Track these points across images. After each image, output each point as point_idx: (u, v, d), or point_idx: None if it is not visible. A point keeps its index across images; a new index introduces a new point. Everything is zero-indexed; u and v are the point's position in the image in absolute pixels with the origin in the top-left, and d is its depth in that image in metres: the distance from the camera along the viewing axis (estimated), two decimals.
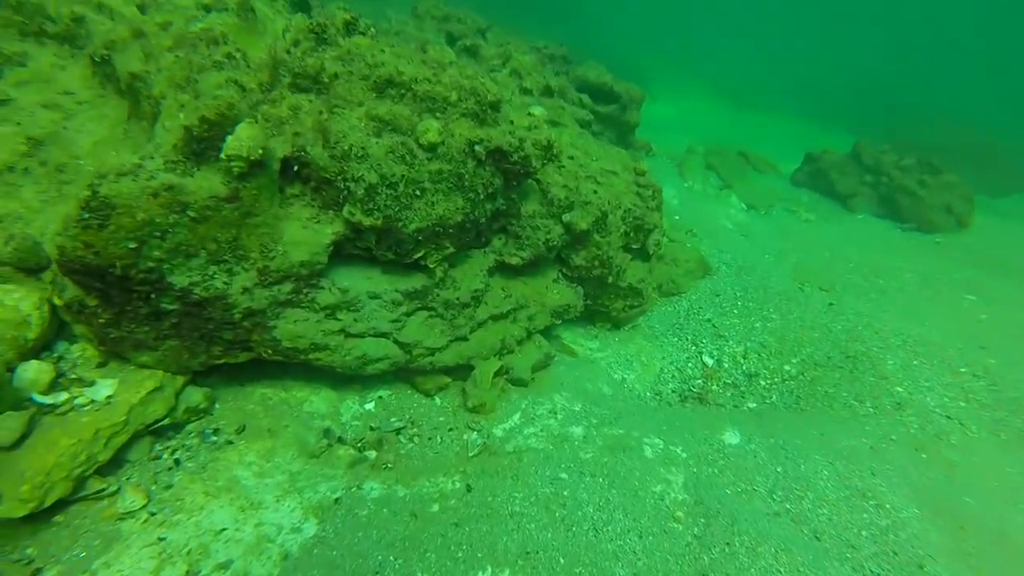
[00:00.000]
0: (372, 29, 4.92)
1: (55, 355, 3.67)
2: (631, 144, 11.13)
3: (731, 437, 4.76)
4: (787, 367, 6.54)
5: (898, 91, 27.72)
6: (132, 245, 3.27)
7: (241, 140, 3.43)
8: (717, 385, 6.47)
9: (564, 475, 3.94)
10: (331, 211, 4.10)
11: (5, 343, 3.39)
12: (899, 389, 5.53)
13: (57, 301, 3.51)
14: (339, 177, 3.94)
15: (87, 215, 3.15)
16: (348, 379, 4.52)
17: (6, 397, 3.21)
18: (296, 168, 4.03)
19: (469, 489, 3.71)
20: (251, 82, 4.11)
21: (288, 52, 4.32)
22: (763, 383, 6.42)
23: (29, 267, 3.69)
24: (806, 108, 25.60)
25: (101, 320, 3.50)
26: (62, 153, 4.29)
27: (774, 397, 6.14)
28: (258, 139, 3.50)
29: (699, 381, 6.49)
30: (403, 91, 4.30)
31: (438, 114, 4.35)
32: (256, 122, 3.61)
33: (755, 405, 6.03)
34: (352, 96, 4.17)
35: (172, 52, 4.33)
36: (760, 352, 6.82)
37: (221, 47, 4.30)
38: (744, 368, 6.66)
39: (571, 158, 5.98)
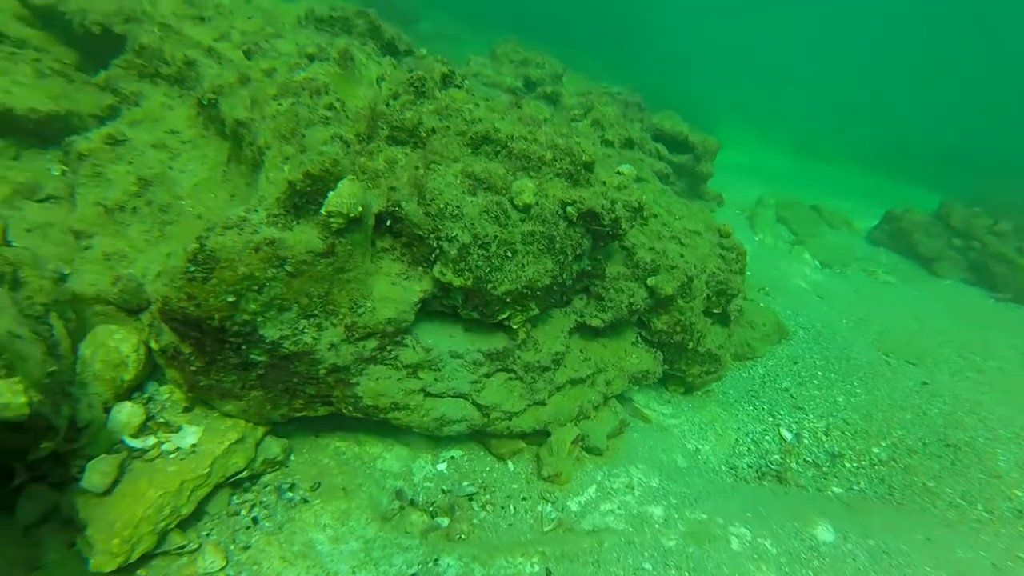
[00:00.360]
0: (467, 82, 4.96)
1: (145, 396, 3.70)
2: (702, 195, 10.88)
3: (824, 532, 4.37)
4: (876, 450, 6.05)
5: (985, 146, 26.42)
6: (231, 298, 3.27)
7: (343, 197, 3.42)
8: (797, 463, 6.04)
9: (648, 565, 3.67)
10: (420, 267, 4.05)
11: (104, 383, 3.44)
12: (1019, 493, 4.99)
13: (154, 345, 3.55)
14: (432, 235, 3.89)
15: (193, 268, 3.18)
16: (421, 436, 4.41)
17: (101, 440, 3.24)
18: (389, 223, 4.02)
19: (549, 574, 3.49)
20: (350, 133, 4.16)
21: (387, 104, 4.36)
22: (848, 465, 5.96)
23: (131, 308, 3.78)
24: (881, 162, 24.68)
25: (193, 367, 3.52)
26: (166, 193, 4.43)
27: (862, 483, 5.67)
28: (359, 196, 3.49)
29: (777, 457, 6.07)
30: (498, 148, 4.27)
31: (532, 173, 4.28)
32: (356, 178, 3.62)
33: (841, 491, 5.57)
34: (448, 152, 4.16)
35: (276, 100, 4.44)
36: (844, 430, 6.35)
37: (323, 97, 4.38)
38: (826, 446, 6.21)
39: (655, 216, 5.81)
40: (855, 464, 5.97)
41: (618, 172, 5.20)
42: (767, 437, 6.28)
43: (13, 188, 4.38)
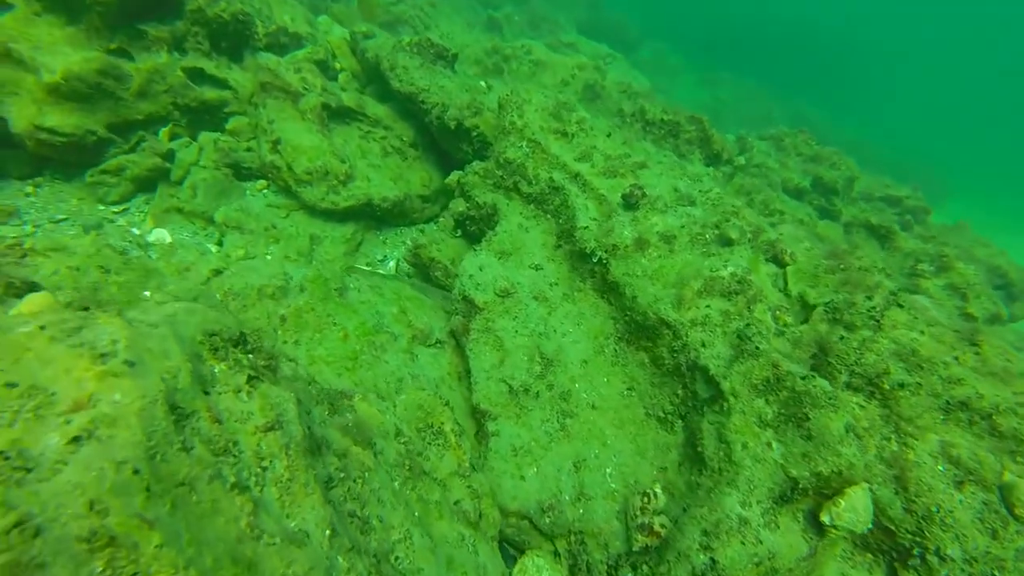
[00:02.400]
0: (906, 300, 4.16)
1: None
2: None
3: None
4: None
5: None
6: None
7: (858, 513, 2.83)
8: None
9: None
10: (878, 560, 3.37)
11: None
12: None
13: None
14: (912, 539, 3.19)
15: None
16: None
17: None
18: None
19: None
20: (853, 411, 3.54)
21: (840, 338, 3.69)
22: None
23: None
24: None
25: None
26: (564, 374, 4.14)
27: None
28: (870, 510, 2.88)
29: None
30: (977, 418, 3.45)
31: (1019, 459, 3.42)
32: (867, 488, 2.99)
33: None
34: (919, 418, 3.42)
35: (703, 298, 3.97)
36: None
37: (758, 305, 3.84)
38: None
39: None
40: None
41: None
42: None
43: (412, 334, 4.33)
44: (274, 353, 2.49)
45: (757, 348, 3.36)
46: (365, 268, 5.99)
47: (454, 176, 6.08)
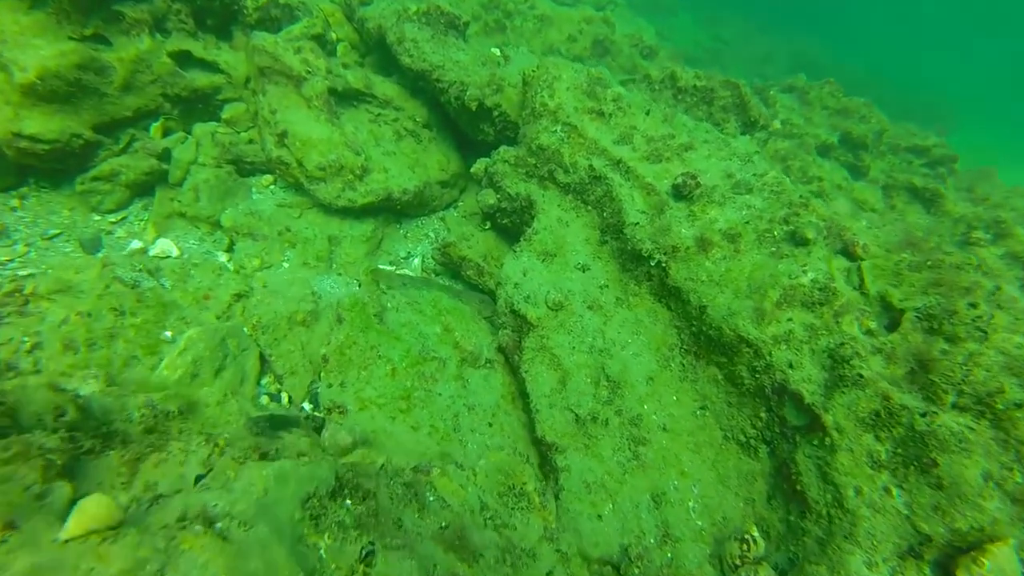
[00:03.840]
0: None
1: None
2: None
3: None
4: None
5: None
6: None
7: (1005, 574, 2.57)
8: None
9: None
10: None
11: None
12: None
13: None
14: None
15: None
16: None
17: None
18: None
19: None
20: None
21: (942, 352, 3.36)
22: None
23: None
24: None
25: None
26: (632, 396, 3.81)
27: None
28: (1018, 572, 2.62)
29: None
30: None
31: None
32: (1013, 544, 2.72)
33: None
34: None
35: (783, 310, 3.62)
36: None
37: (846, 317, 3.50)
38: None
39: None
40: None
41: None
42: None
43: (461, 357, 3.98)
44: (370, 489, 2.11)
45: (860, 376, 3.03)
46: (390, 269, 5.56)
47: (480, 164, 5.58)
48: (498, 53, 6.68)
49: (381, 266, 5.56)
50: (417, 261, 5.66)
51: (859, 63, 24.64)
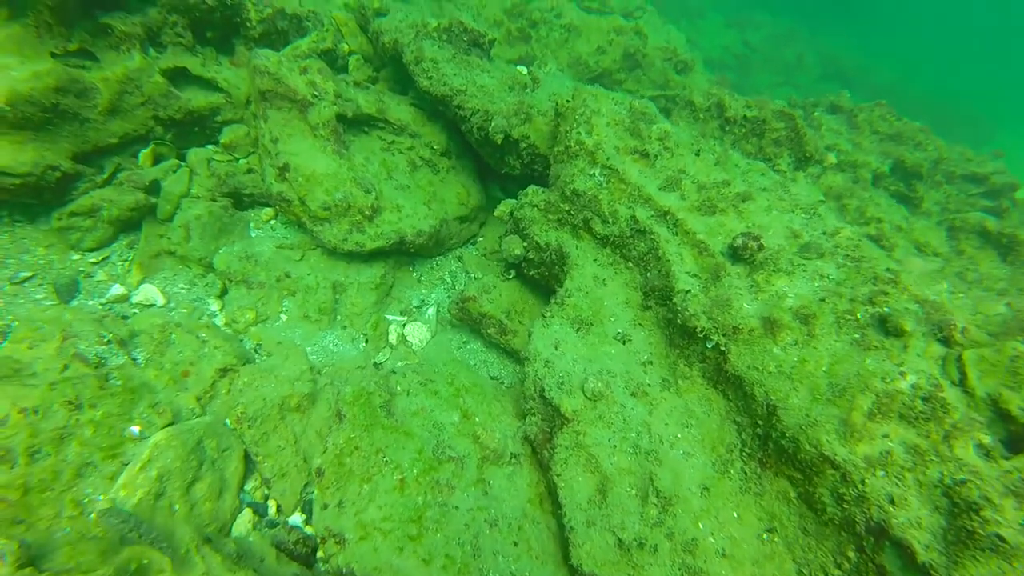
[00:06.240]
0: None
1: None
2: None
3: None
4: None
5: None
6: None
7: None
8: None
9: None
10: None
11: None
12: None
13: None
14: None
15: None
16: None
17: None
18: None
19: None
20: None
21: None
22: None
23: None
24: None
25: None
26: (685, 512, 3.18)
27: None
28: None
29: None
30: None
31: None
32: None
33: None
34: None
35: (875, 422, 2.97)
36: None
37: (960, 439, 2.86)
38: None
39: None
40: None
41: None
42: None
43: (483, 454, 3.37)
44: None
45: (999, 540, 2.39)
46: (400, 319, 4.96)
47: (505, 206, 4.96)
48: (525, 72, 6.03)
49: (390, 316, 4.96)
50: (432, 311, 5.05)
51: (891, 67, 23.69)
